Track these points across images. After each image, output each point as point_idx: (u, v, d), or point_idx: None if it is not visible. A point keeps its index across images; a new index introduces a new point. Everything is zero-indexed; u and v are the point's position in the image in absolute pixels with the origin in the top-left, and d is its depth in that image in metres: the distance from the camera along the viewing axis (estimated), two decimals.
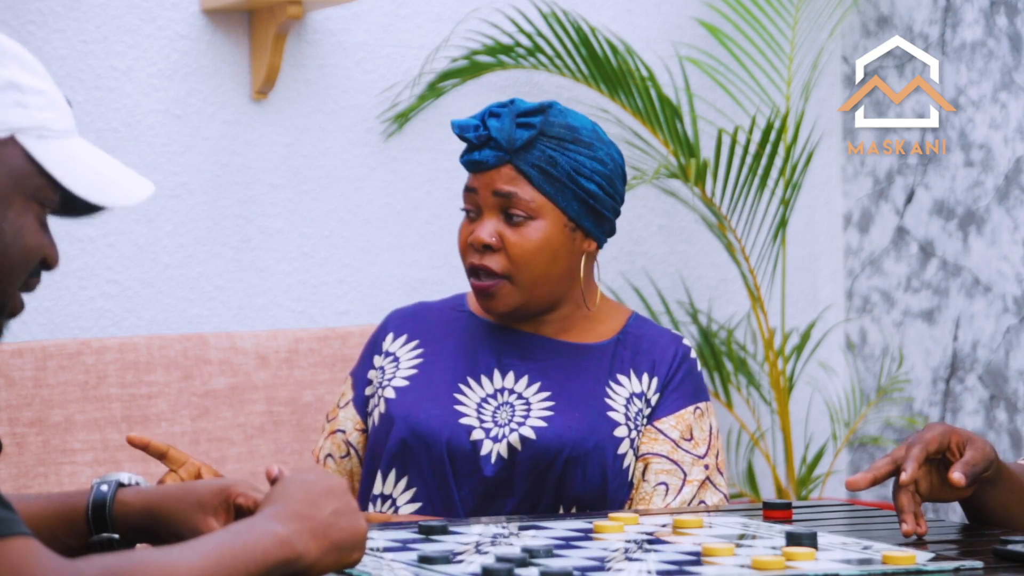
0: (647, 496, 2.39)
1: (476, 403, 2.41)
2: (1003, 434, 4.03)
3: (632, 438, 2.39)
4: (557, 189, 2.38)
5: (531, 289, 2.38)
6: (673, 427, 2.42)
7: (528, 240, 2.37)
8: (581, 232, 2.41)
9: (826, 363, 4.33)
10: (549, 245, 2.38)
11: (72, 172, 1.60)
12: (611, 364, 2.43)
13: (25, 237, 1.59)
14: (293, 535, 1.53)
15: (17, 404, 3.13)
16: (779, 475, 4.08)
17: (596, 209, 2.40)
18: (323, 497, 1.59)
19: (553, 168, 2.37)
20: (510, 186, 2.37)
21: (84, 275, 3.49)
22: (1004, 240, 3.99)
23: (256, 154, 3.66)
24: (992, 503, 2.12)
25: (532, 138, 2.37)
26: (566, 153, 2.38)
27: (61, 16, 3.47)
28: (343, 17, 3.75)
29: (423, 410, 2.40)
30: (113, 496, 1.77)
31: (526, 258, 2.37)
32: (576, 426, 2.37)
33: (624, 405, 2.41)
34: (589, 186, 2.39)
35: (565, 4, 3.94)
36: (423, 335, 2.49)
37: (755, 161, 3.90)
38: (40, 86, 1.60)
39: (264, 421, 3.31)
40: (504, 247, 2.38)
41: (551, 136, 2.39)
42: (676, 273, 4.16)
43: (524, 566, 1.71)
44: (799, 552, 1.78)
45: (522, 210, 2.37)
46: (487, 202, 2.39)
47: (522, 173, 2.38)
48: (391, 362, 2.48)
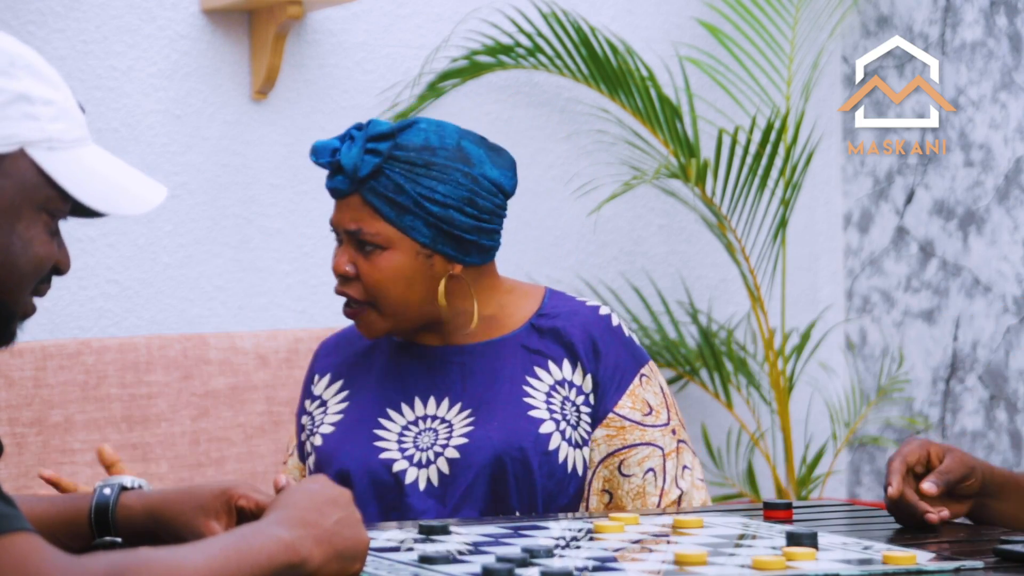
0: (640, 488, 2.37)
1: (397, 433, 2.38)
2: (1003, 434, 4.03)
3: (563, 430, 2.35)
4: (405, 218, 2.33)
5: (396, 315, 2.36)
6: (631, 408, 2.38)
7: (379, 270, 2.35)
8: (440, 256, 2.36)
9: (826, 363, 4.33)
10: (401, 274, 2.35)
11: (83, 183, 1.61)
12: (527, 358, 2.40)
13: (35, 248, 1.60)
14: (298, 540, 1.54)
15: (17, 404, 3.13)
16: (779, 475, 4.08)
17: (452, 233, 2.35)
18: (328, 506, 1.60)
19: (400, 195, 2.33)
20: (356, 220, 2.35)
21: (84, 275, 3.49)
22: (1004, 240, 3.99)
23: (256, 154, 3.66)
24: (1000, 517, 2.13)
25: (378, 166, 2.33)
26: (415, 179, 2.33)
27: (61, 16, 3.47)
28: (343, 17, 3.75)
29: (343, 451, 2.39)
30: (116, 499, 1.78)
31: (380, 288, 2.35)
32: (494, 435, 2.33)
33: (546, 400, 2.37)
34: (441, 212, 2.33)
35: (565, 4, 3.94)
36: (346, 373, 2.48)
37: (755, 161, 3.90)
38: (51, 96, 1.60)
39: (264, 421, 3.31)
40: (361, 276, 2.36)
41: (401, 161, 2.34)
42: (676, 273, 4.16)
43: (524, 566, 1.71)
44: (799, 552, 1.78)
45: (371, 242, 2.35)
46: (341, 232, 2.38)
47: (368, 204, 2.34)
48: (319, 407, 2.47)
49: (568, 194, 3.99)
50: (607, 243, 4.07)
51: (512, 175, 2.44)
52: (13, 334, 1.65)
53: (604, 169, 4.01)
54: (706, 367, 4.03)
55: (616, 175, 3.99)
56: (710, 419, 4.16)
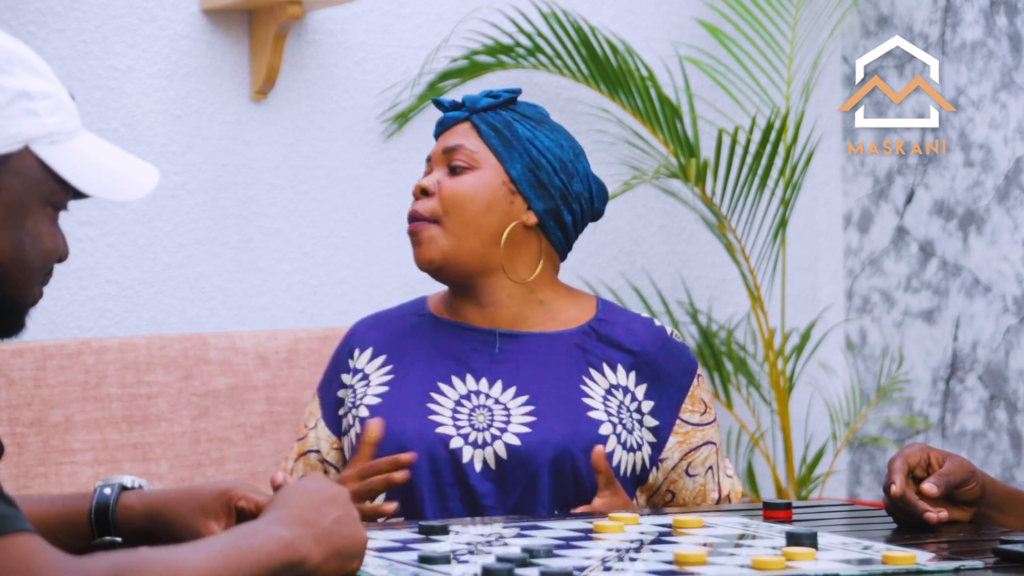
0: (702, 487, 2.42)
1: (451, 409, 2.38)
2: (1003, 434, 4.03)
3: (618, 433, 2.37)
4: (504, 147, 2.40)
5: (459, 236, 2.38)
6: (691, 411, 2.42)
7: (463, 184, 2.39)
8: (521, 197, 2.41)
9: (826, 363, 4.33)
10: (482, 194, 2.39)
11: (84, 174, 1.62)
12: (583, 358, 2.41)
13: (44, 242, 1.62)
14: (297, 539, 1.55)
15: (17, 404, 3.13)
16: (779, 475, 4.08)
17: (540, 179, 2.40)
18: (326, 504, 1.60)
19: (508, 130, 2.41)
20: (459, 138, 2.42)
21: (84, 275, 3.50)
22: (1004, 240, 3.99)
23: (256, 154, 3.66)
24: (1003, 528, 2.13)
25: (497, 104, 2.43)
26: (527, 126, 2.42)
27: (61, 16, 3.47)
28: (343, 17, 3.75)
29: (398, 424, 2.37)
30: (116, 499, 1.78)
31: (457, 200, 2.38)
32: (560, 431, 2.34)
33: (603, 401, 2.39)
34: (539, 157, 2.40)
35: (565, 4, 3.94)
36: (389, 348, 2.47)
37: (755, 161, 3.90)
38: (47, 88, 1.61)
39: (264, 421, 3.31)
40: (439, 193, 2.40)
41: (517, 111, 2.44)
42: (676, 273, 4.16)
43: (524, 566, 1.72)
44: (799, 552, 1.79)
45: (464, 160, 2.40)
46: (438, 159, 2.43)
47: (475, 127, 2.42)
48: (360, 380, 2.46)
49: None
50: (607, 243, 4.07)
51: (604, 198, 2.52)
52: (24, 324, 1.68)
53: (604, 169, 4.01)
54: (706, 367, 4.03)
55: (616, 175, 3.99)
56: None
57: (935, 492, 2.06)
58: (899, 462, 2.09)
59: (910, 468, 2.10)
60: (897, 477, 2.07)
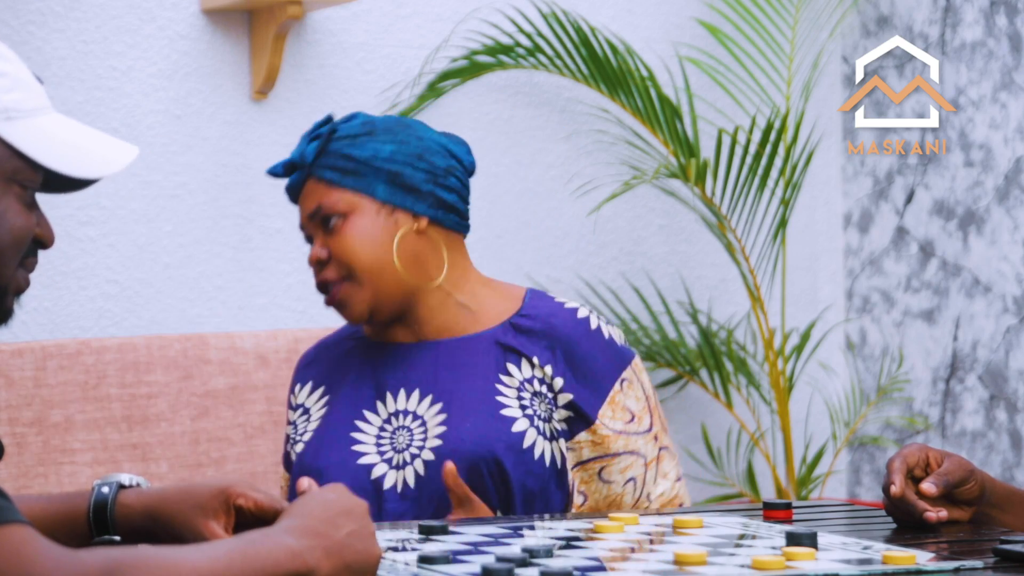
0: (618, 497, 2.35)
1: (375, 435, 2.37)
2: (1003, 434, 4.03)
3: (536, 425, 2.33)
4: (356, 179, 2.36)
5: (373, 282, 2.35)
6: (612, 417, 2.35)
7: (346, 237, 2.35)
8: (402, 212, 2.37)
9: (826, 363, 4.33)
10: (368, 235, 2.35)
11: (47, 149, 1.60)
12: (500, 356, 2.37)
13: (10, 220, 1.60)
14: (306, 551, 1.51)
15: (17, 404, 3.13)
16: (779, 475, 4.08)
17: (408, 185, 2.36)
18: (341, 517, 1.56)
19: (348, 162, 2.36)
20: (314, 199, 2.37)
21: (84, 275, 3.50)
22: (1004, 240, 3.99)
23: (256, 154, 3.66)
24: (1003, 528, 2.13)
25: (321, 146, 2.38)
26: (360, 146, 2.37)
27: (61, 16, 3.47)
28: (343, 17, 3.75)
29: (323, 459, 2.37)
30: (114, 498, 1.77)
31: (351, 254, 2.35)
32: (467, 438, 2.31)
33: (517, 396, 2.35)
34: (391, 167, 2.36)
35: (565, 4, 3.94)
36: (325, 379, 2.47)
37: (755, 161, 3.90)
38: (3, 68, 1.60)
39: (264, 421, 3.31)
40: (333, 256, 2.36)
41: (342, 137, 2.39)
42: (676, 273, 4.16)
43: (524, 566, 1.71)
44: (799, 552, 1.78)
45: (333, 213, 2.36)
46: (309, 226, 2.39)
47: (322, 180, 2.37)
48: (302, 415, 2.46)
49: (568, 194, 3.99)
50: (607, 243, 4.07)
51: (466, 150, 2.44)
52: (9, 310, 1.64)
53: (604, 169, 4.01)
54: (706, 367, 4.03)
55: (616, 175, 3.99)
56: (710, 419, 4.16)
57: (934, 492, 2.06)
58: (898, 462, 2.09)
59: (909, 468, 2.10)
60: (896, 477, 2.07)
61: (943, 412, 4.16)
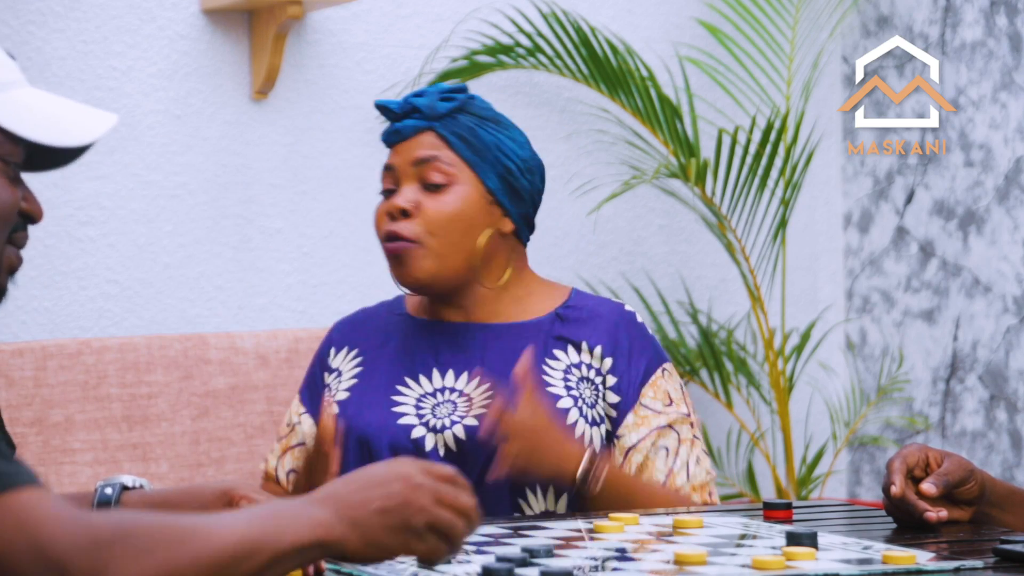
0: (649, 462, 2.36)
1: (415, 401, 2.38)
2: (1003, 434, 4.03)
3: (579, 407, 2.35)
4: (478, 157, 2.37)
5: (444, 257, 2.35)
6: (653, 398, 2.38)
7: (446, 205, 2.35)
8: (499, 208, 2.39)
9: (826, 363, 4.33)
10: (466, 213, 2.35)
11: (23, 120, 1.59)
12: (548, 341, 2.40)
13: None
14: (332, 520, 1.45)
15: (17, 404, 3.13)
16: (779, 475, 4.08)
17: (515, 188, 2.39)
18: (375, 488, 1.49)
19: (475, 139, 2.37)
20: (430, 150, 2.36)
21: (84, 275, 3.50)
22: (1004, 240, 3.99)
23: (256, 154, 3.66)
24: (1003, 527, 2.13)
25: (454, 109, 2.38)
26: (488, 129, 2.39)
27: (61, 16, 3.47)
28: (343, 17, 3.75)
29: (362, 417, 2.37)
30: (118, 499, 1.78)
31: (442, 223, 2.34)
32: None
33: (563, 378, 2.37)
34: (509, 164, 2.38)
35: (565, 4, 3.94)
36: (362, 343, 2.47)
37: (755, 161, 3.90)
38: None
39: (264, 421, 3.31)
40: (420, 213, 2.35)
41: (473, 113, 2.40)
42: (676, 273, 4.16)
43: (524, 566, 1.71)
44: (799, 552, 1.79)
45: (442, 174, 2.35)
46: (406, 172, 2.37)
47: (444, 139, 2.37)
48: (335, 378, 2.46)
49: (568, 194, 3.99)
50: (607, 243, 4.07)
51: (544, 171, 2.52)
52: (3, 287, 1.62)
53: (604, 169, 4.01)
54: (706, 367, 4.03)
55: (616, 175, 3.99)
56: (710, 419, 4.16)
57: (934, 492, 2.06)
58: (898, 462, 2.10)
59: (909, 468, 2.10)
60: (896, 478, 2.07)
61: (943, 412, 4.16)
